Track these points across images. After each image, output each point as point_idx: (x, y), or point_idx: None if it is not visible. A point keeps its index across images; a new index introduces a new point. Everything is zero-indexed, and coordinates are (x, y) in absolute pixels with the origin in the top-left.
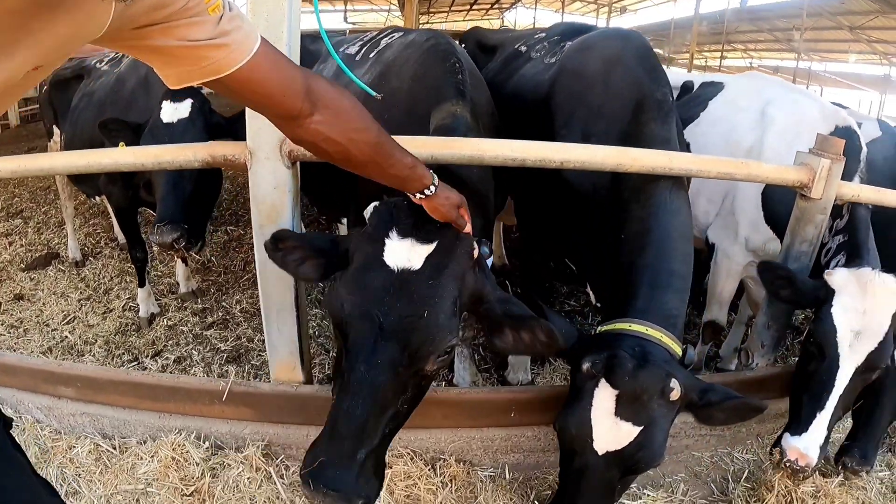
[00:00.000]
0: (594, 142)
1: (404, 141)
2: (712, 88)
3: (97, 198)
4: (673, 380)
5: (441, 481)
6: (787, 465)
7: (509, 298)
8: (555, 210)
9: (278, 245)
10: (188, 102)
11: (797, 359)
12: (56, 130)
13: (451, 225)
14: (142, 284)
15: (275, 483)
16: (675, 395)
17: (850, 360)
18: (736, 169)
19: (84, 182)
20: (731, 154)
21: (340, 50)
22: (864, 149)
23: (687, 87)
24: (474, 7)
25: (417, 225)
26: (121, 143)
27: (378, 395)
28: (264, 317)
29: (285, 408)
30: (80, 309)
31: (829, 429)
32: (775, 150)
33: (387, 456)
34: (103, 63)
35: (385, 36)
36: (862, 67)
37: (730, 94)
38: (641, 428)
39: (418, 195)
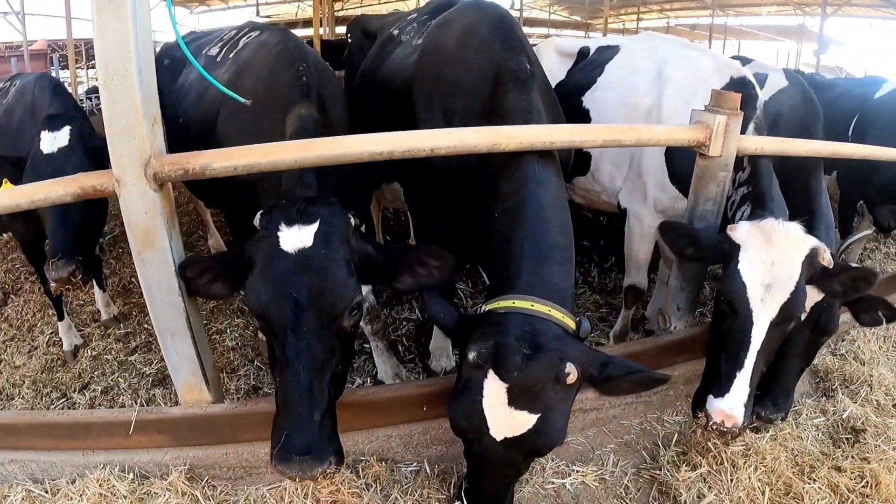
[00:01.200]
0: (456, 121)
1: (267, 148)
2: (608, 52)
3: (4, 235)
4: (568, 364)
5: (365, 483)
6: (714, 427)
7: (386, 247)
8: (433, 195)
9: (185, 273)
10: (66, 130)
11: (712, 317)
12: None
13: (331, 203)
14: (61, 318)
15: None
16: (572, 378)
17: (763, 315)
18: (623, 135)
19: None
20: (630, 117)
21: (203, 52)
22: (760, 97)
23: (584, 52)
24: None
25: (299, 211)
26: (4, 181)
27: (312, 358)
28: (160, 342)
29: (198, 429)
30: (5, 351)
31: (752, 386)
32: (673, 108)
33: None
34: None
35: (243, 35)
36: (778, 19)
37: (626, 57)
38: (538, 415)
39: None
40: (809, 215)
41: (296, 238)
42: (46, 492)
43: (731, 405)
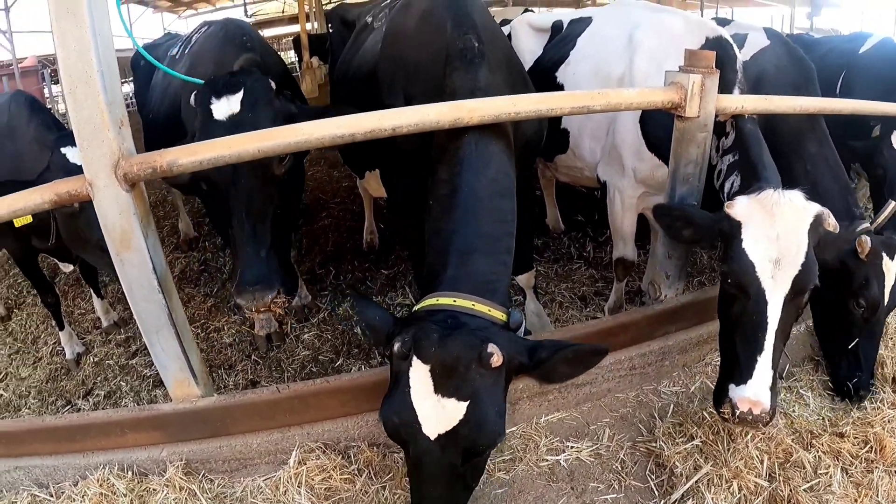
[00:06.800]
0: (416, 104)
1: (231, 140)
2: (580, 24)
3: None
4: (490, 344)
5: (357, 468)
6: (741, 417)
7: (307, 107)
8: (399, 182)
9: None
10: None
11: (718, 301)
12: None
13: (256, 76)
14: (61, 327)
15: (199, 499)
16: (496, 360)
17: (776, 292)
18: (592, 101)
19: None
20: (603, 87)
21: (170, 53)
22: (740, 58)
23: (557, 27)
24: None
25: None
26: None
27: (252, 203)
28: (146, 340)
29: (190, 424)
30: (10, 364)
31: (775, 367)
32: (645, 73)
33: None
34: None
35: (196, 32)
36: None
37: (597, 27)
38: (468, 402)
39: None
40: (811, 184)
41: (224, 106)
42: (51, 495)
43: (756, 391)
